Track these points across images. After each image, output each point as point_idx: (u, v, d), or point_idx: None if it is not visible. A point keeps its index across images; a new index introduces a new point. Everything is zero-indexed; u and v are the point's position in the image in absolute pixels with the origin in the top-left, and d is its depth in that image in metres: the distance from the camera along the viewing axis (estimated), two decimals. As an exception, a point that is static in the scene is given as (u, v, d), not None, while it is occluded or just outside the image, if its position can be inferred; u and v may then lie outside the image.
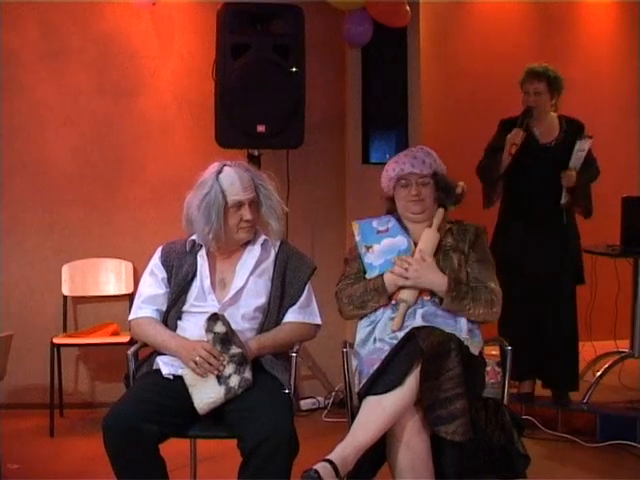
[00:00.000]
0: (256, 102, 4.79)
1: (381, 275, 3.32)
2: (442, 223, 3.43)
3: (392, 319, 3.24)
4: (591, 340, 5.35)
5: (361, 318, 3.37)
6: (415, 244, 3.39)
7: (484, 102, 6.17)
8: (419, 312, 3.22)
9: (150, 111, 5.50)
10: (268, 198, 3.35)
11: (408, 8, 5.23)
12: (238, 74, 4.79)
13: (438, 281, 3.25)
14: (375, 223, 3.47)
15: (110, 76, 5.45)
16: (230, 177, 3.27)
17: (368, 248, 3.40)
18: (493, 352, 3.79)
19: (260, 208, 3.34)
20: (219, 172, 3.29)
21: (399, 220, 3.48)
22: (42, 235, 5.43)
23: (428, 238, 3.36)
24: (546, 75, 4.90)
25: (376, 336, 3.24)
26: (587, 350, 5.39)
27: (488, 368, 3.28)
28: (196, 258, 3.34)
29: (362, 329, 3.34)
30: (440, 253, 3.36)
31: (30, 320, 5.38)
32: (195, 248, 3.36)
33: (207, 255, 3.34)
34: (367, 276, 3.38)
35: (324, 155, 5.55)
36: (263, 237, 3.38)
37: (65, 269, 5.37)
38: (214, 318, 3.11)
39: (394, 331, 3.19)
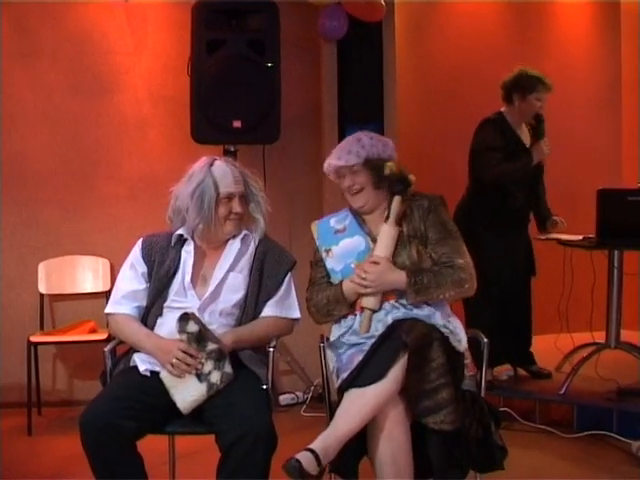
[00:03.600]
0: (232, 98, 4.79)
1: (340, 284, 3.29)
2: (400, 212, 3.30)
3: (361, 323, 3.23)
4: (568, 332, 5.39)
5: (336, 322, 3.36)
6: (374, 240, 3.30)
7: (459, 97, 6.19)
8: (390, 317, 3.18)
9: (125, 108, 5.48)
10: (255, 194, 3.38)
11: (383, 3, 5.24)
12: (213, 70, 4.79)
13: (398, 279, 3.18)
14: (333, 221, 3.42)
15: (84, 73, 5.43)
16: (222, 169, 3.31)
17: (328, 252, 3.35)
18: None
19: (248, 203, 3.37)
20: (211, 164, 3.32)
21: (356, 215, 3.41)
22: (18, 233, 5.40)
23: (384, 237, 3.25)
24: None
25: (349, 341, 3.24)
26: (564, 342, 5.44)
27: (467, 361, 3.28)
28: (180, 252, 3.34)
29: (337, 329, 3.33)
30: (398, 244, 3.26)
31: (7, 318, 5.36)
32: (180, 242, 3.36)
33: (194, 250, 3.34)
34: (332, 281, 3.35)
35: (300, 150, 5.56)
36: (244, 232, 3.38)
37: (41, 267, 5.35)
38: (185, 318, 3.10)
39: (362, 334, 3.19)
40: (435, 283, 3.17)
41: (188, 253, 3.34)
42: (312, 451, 2.84)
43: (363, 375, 2.98)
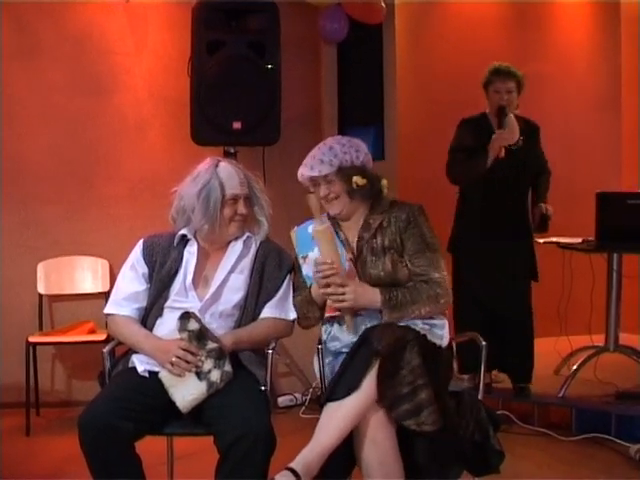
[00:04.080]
0: (232, 99, 4.78)
1: (310, 286, 3.31)
2: (318, 207, 3.36)
3: (343, 326, 3.23)
4: (566, 335, 5.39)
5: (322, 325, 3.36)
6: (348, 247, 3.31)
7: (459, 98, 6.17)
8: (371, 322, 3.18)
9: (125, 108, 5.48)
10: (259, 197, 3.41)
11: (383, 4, 5.24)
12: (214, 71, 4.79)
13: (373, 299, 3.16)
14: (311, 228, 3.38)
15: (84, 73, 5.43)
16: (228, 171, 3.33)
17: (304, 258, 3.34)
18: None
19: (252, 205, 3.39)
20: (216, 165, 3.33)
21: (333, 222, 3.40)
22: (17, 233, 5.40)
23: (320, 240, 3.20)
24: (516, 74, 4.94)
25: (332, 347, 3.26)
26: (562, 345, 5.43)
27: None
28: (182, 253, 3.34)
29: (323, 335, 3.34)
30: (370, 255, 3.26)
31: (5, 319, 5.35)
32: (183, 242, 3.36)
33: (197, 251, 3.34)
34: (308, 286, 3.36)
35: (300, 151, 5.45)
36: (247, 234, 3.39)
37: (40, 267, 5.34)
38: (186, 317, 3.11)
39: (351, 335, 3.19)
40: (411, 299, 3.16)
41: (191, 254, 3.34)
42: (292, 470, 2.82)
43: (338, 388, 2.97)
